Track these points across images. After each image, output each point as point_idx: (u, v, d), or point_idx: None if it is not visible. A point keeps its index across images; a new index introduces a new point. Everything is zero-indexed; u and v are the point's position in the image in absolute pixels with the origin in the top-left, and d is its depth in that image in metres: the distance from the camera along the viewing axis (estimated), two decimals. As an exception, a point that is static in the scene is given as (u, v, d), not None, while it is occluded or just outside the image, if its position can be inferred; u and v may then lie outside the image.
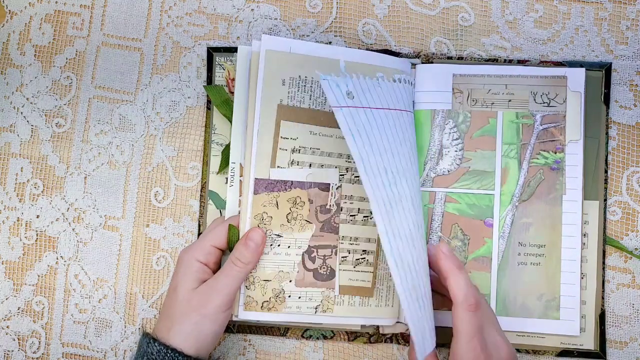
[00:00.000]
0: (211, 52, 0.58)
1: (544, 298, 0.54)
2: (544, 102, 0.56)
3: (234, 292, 0.50)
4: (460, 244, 0.55)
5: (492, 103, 0.56)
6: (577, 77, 0.55)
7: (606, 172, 0.56)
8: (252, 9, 0.59)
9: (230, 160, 0.54)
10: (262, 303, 0.51)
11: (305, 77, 0.53)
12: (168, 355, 0.47)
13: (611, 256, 0.56)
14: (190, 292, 0.49)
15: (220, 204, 0.57)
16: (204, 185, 0.58)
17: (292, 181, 0.52)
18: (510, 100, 0.56)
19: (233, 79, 0.57)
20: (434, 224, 0.56)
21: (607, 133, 0.56)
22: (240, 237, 0.51)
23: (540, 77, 0.56)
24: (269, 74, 0.52)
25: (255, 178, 0.51)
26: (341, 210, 0.53)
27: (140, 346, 0.50)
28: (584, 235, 0.55)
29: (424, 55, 0.58)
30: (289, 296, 0.52)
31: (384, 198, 0.45)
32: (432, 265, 0.49)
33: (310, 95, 0.53)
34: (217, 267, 0.53)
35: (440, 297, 0.52)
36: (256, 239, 0.50)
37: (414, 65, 0.57)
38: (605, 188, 0.56)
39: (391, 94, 0.51)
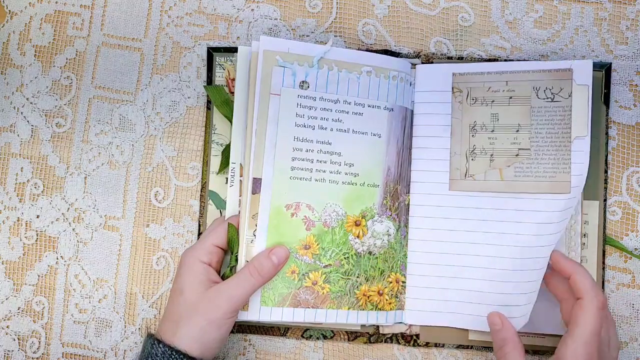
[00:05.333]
0: (211, 52, 0.58)
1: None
2: (548, 98, 0.55)
3: (245, 301, 0.49)
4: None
5: (492, 101, 0.56)
6: (583, 70, 0.54)
7: (606, 172, 0.56)
8: (252, 9, 0.59)
9: (230, 160, 0.54)
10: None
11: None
12: (173, 357, 0.47)
13: (611, 256, 0.56)
14: (197, 295, 0.49)
15: (220, 204, 0.57)
16: (204, 185, 0.58)
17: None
18: (511, 97, 0.55)
19: (233, 79, 0.57)
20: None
21: (607, 133, 0.56)
22: (239, 236, 0.52)
23: (543, 71, 0.55)
24: (267, 75, 0.52)
25: (254, 177, 0.52)
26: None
27: (144, 347, 0.49)
28: (584, 235, 0.55)
29: (424, 55, 0.58)
30: None
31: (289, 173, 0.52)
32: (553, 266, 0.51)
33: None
34: (220, 266, 0.53)
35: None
36: (280, 256, 0.50)
37: (414, 65, 0.57)
38: (605, 188, 0.56)
39: (374, 90, 0.53)
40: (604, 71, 0.56)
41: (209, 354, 0.49)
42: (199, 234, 0.57)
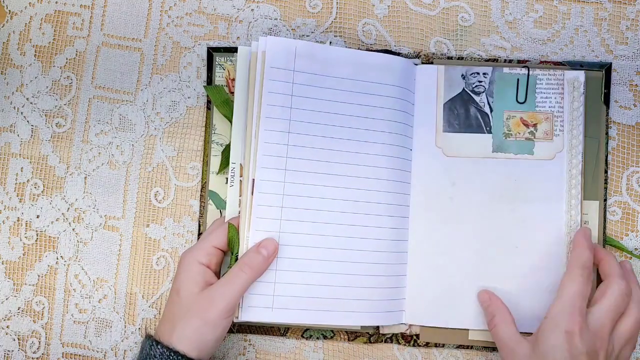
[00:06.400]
0: (211, 52, 0.58)
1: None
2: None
3: (238, 298, 0.49)
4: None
5: (492, 103, 0.56)
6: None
7: (606, 172, 0.56)
8: (252, 9, 0.59)
9: (230, 160, 0.54)
10: None
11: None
12: (171, 358, 0.47)
13: (611, 256, 0.56)
14: (192, 296, 0.49)
15: (220, 204, 0.57)
16: (204, 185, 0.58)
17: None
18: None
19: (233, 79, 0.57)
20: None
21: (607, 133, 0.56)
22: (239, 237, 0.52)
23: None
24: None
25: (254, 178, 0.51)
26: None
27: (143, 348, 0.50)
28: (584, 235, 0.55)
29: (424, 55, 0.58)
30: None
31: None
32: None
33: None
34: (219, 268, 0.53)
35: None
36: (269, 248, 0.50)
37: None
38: (605, 188, 0.56)
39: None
40: (604, 71, 0.56)
41: (205, 355, 0.49)
42: (199, 234, 0.57)
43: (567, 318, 0.47)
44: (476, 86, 0.56)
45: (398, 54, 0.57)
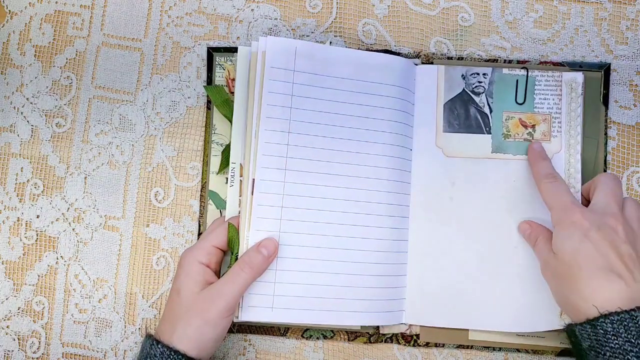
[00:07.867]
0: (211, 52, 0.58)
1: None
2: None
3: (238, 298, 0.49)
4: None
5: (492, 103, 0.56)
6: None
7: (605, 172, 0.56)
8: (252, 9, 0.59)
9: (231, 160, 0.54)
10: None
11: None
12: (171, 357, 0.47)
13: (611, 256, 0.56)
14: (193, 296, 0.49)
15: (220, 204, 0.57)
16: (204, 185, 0.58)
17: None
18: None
19: (233, 79, 0.57)
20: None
21: (606, 133, 0.56)
22: (239, 236, 0.52)
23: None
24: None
25: (254, 178, 0.52)
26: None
27: (143, 347, 0.50)
28: (584, 235, 0.55)
29: (424, 55, 0.58)
30: None
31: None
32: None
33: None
34: (219, 267, 0.53)
35: None
36: (269, 248, 0.50)
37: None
38: (605, 188, 0.56)
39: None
40: (602, 72, 0.56)
41: (205, 354, 0.49)
42: (199, 234, 0.57)
43: (566, 213, 0.49)
44: (476, 86, 0.56)
45: (398, 54, 0.57)
